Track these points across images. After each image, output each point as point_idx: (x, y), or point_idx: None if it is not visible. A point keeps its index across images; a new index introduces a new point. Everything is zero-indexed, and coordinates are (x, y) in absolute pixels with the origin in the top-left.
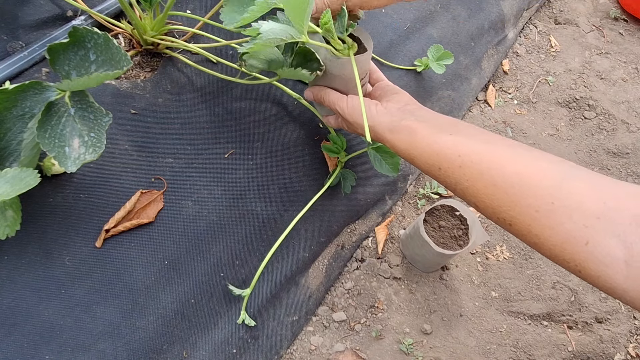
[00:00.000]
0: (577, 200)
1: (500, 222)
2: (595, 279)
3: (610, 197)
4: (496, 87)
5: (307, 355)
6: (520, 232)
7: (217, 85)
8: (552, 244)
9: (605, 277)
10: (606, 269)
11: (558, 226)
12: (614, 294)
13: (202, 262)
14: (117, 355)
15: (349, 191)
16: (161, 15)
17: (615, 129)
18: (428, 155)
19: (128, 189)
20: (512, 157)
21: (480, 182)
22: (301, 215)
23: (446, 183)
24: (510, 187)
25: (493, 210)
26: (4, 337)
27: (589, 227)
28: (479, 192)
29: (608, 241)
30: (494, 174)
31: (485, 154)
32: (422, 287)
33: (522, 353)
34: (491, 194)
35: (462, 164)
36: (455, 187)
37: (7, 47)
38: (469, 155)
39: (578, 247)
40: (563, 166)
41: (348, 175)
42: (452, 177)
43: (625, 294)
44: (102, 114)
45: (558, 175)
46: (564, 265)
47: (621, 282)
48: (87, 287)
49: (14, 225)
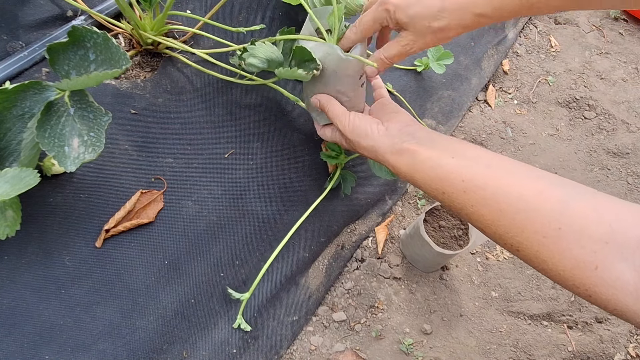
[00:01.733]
0: (583, 224)
1: (507, 247)
2: (606, 302)
3: (615, 219)
4: (496, 87)
5: (307, 355)
6: (528, 258)
7: (217, 86)
8: (561, 269)
9: (615, 301)
10: (617, 293)
11: (566, 252)
12: (625, 316)
13: (202, 262)
14: (117, 355)
15: (349, 192)
16: (161, 15)
17: (615, 129)
18: (431, 180)
19: (128, 189)
20: (515, 181)
21: (485, 207)
22: (302, 219)
23: (450, 207)
24: (515, 213)
25: (500, 236)
26: (4, 337)
27: (597, 252)
28: (485, 218)
29: (617, 265)
30: (499, 199)
31: (488, 179)
32: (422, 287)
33: (522, 353)
34: (497, 219)
35: (466, 189)
36: (460, 212)
37: (7, 47)
38: (473, 180)
39: (588, 272)
40: (565, 188)
41: (348, 177)
42: (457, 202)
43: (637, 316)
44: (102, 114)
45: (562, 198)
46: (573, 290)
47: (631, 305)
48: (87, 287)
49: (14, 225)
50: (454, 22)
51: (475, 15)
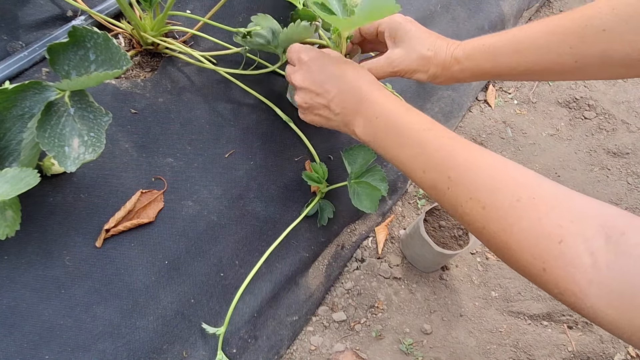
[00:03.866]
0: (554, 200)
1: (469, 204)
2: (558, 279)
3: (580, 206)
4: (496, 87)
5: (307, 355)
6: (492, 219)
7: (218, 85)
8: (524, 236)
9: (570, 279)
10: (574, 271)
11: (536, 220)
12: (573, 297)
13: (202, 262)
14: (117, 355)
15: (325, 223)
16: (161, 15)
17: (615, 129)
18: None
19: (128, 188)
20: (489, 152)
21: (466, 156)
22: (291, 228)
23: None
24: (495, 170)
25: (470, 188)
26: (4, 337)
27: (563, 228)
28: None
29: (579, 244)
30: (482, 163)
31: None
32: (422, 287)
33: (522, 353)
34: (475, 174)
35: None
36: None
37: (7, 47)
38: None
39: (552, 243)
40: (534, 172)
41: (326, 207)
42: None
43: (586, 299)
44: (102, 114)
45: (537, 177)
46: (526, 262)
47: (585, 286)
48: (87, 287)
49: (14, 226)
50: (437, 60)
51: (452, 59)
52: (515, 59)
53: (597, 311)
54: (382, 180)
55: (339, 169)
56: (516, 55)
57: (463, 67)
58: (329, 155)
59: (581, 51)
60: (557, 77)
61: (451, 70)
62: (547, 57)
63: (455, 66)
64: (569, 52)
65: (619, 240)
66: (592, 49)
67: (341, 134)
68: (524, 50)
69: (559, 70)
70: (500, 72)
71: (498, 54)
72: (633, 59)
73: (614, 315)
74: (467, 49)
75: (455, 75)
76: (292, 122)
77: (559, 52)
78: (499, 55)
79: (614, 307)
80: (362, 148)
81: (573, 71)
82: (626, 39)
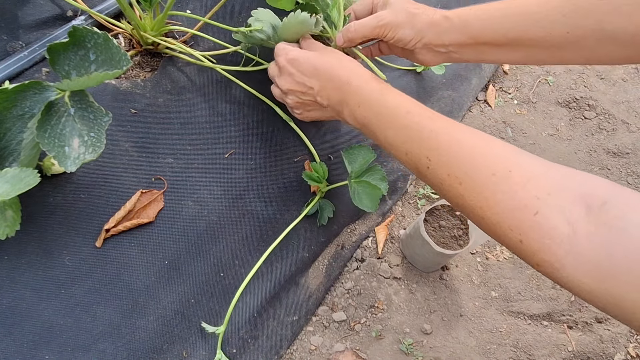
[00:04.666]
0: (531, 172)
1: (448, 180)
2: (535, 251)
3: (559, 177)
4: (496, 87)
5: (307, 355)
6: (468, 193)
7: (218, 85)
8: (501, 209)
9: (546, 250)
10: (550, 242)
11: (511, 192)
12: (550, 268)
13: (202, 262)
14: (117, 355)
15: (325, 222)
16: (161, 15)
17: (615, 129)
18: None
19: (128, 188)
20: (471, 130)
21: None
22: (290, 228)
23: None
24: (473, 147)
25: (449, 165)
26: (4, 337)
27: (540, 199)
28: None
29: (555, 215)
30: (459, 136)
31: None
32: (422, 287)
33: (522, 353)
34: (454, 148)
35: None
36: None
37: (7, 47)
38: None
39: (527, 215)
40: (518, 148)
41: (326, 206)
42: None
43: (563, 269)
44: (102, 114)
45: (515, 150)
46: (504, 234)
47: (561, 257)
48: (87, 287)
49: (14, 226)
50: (424, 16)
51: (442, 16)
52: (505, 23)
53: (574, 280)
54: (382, 180)
55: (339, 169)
56: (506, 19)
57: (451, 25)
58: (329, 155)
59: (574, 21)
60: (547, 56)
61: (439, 28)
62: (539, 25)
63: (443, 23)
64: (561, 20)
65: (600, 210)
66: (586, 19)
67: (341, 134)
68: (515, 15)
69: (550, 43)
70: (490, 39)
71: (488, 17)
72: (628, 34)
73: (591, 285)
74: (458, 11)
75: (443, 37)
76: (292, 122)
77: (550, 19)
78: (489, 18)
79: (590, 277)
80: (362, 147)
81: (565, 46)
82: (623, 10)
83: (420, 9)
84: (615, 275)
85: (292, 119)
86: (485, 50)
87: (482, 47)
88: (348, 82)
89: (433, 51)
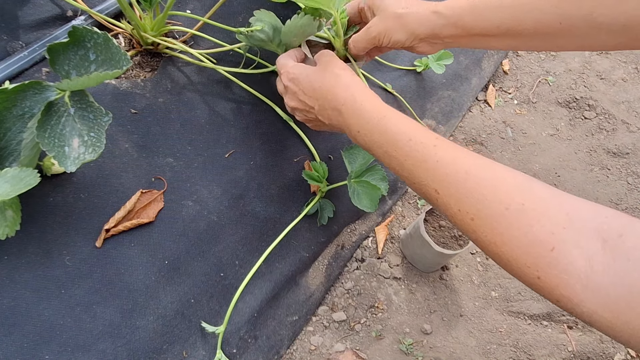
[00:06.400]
0: (545, 206)
1: (459, 215)
2: (553, 287)
3: (572, 209)
4: (496, 87)
5: (307, 355)
6: (482, 229)
7: (218, 85)
8: (516, 245)
9: (564, 286)
10: (568, 278)
11: (526, 227)
12: (569, 303)
13: (202, 262)
14: (117, 355)
15: (325, 222)
16: (161, 15)
17: (615, 129)
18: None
19: (128, 188)
20: (484, 161)
21: (452, 166)
22: (290, 227)
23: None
24: (482, 179)
25: (457, 200)
26: (4, 337)
27: (555, 234)
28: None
29: (572, 251)
30: (467, 168)
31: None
32: (422, 287)
33: (522, 353)
34: (461, 183)
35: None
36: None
37: (7, 47)
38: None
39: (544, 252)
40: (525, 175)
41: (326, 206)
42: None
43: (582, 304)
44: (102, 114)
45: (526, 180)
46: (520, 271)
47: (579, 292)
48: (87, 287)
49: (14, 226)
50: (413, 15)
51: (432, 12)
52: (498, 15)
53: (594, 315)
54: (382, 180)
55: (339, 169)
56: (499, 10)
57: (443, 20)
58: (329, 155)
59: (566, 11)
60: (541, 43)
61: (431, 24)
62: (531, 16)
63: (435, 20)
64: (553, 11)
65: (616, 242)
66: (578, 10)
67: (342, 134)
68: (507, 7)
69: (543, 32)
70: (483, 31)
71: (480, 10)
72: (620, 25)
73: (611, 319)
74: (449, 3)
75: (437, 31)
76: (292, 122)
77: (543, 9)
78: (482, 10)
79: (610, 311)
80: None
81: (557, 35)
82: (613, 1)
83: (408, 6)
84: (634, 307)
85: (292, 119)
86: (479, 39)
87: (476, 37)
88: (344, 104)
89: (430, 43)
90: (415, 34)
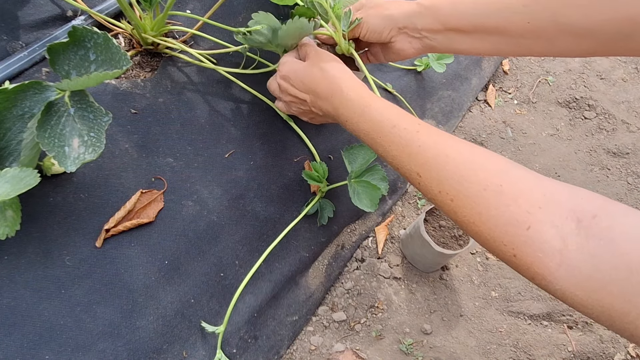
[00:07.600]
0: (522, 187)
1: (439, 196)
2: (528, 265)
3: (550, 191)
4: (496, 87)
5: (307, 355)
6: (460, 209)
7: (218, 85)
8: (494, 224)
9: (539, 264)
10: (542, 256)
11: (504, 207)
12: (543, 281)
13: (202, 262)
14: (117, 355)
15: (325, 222)
16: (161, 15)
17: (615, 129)
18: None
19: (128, 188)
20: (464, 144)
21: (433, 150)
22: (290, 227)
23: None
24: (461, 163)
25: (438, 181)
26: (4, 337)
27: (531, 214)
28: (429, 163)
29: (547, 229)
30: (447, 151)
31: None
32: (422, 287)
33: (522, 353)
34: (442, 165)
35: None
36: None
37: (7, 47)
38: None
39: (520, 230)
40: (505, 158)
41: (326, 206)
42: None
43: (556, 282)
44: (102, 114)
45: (505, 163)
46: (498, 249)
47: (554, 270)
48: (87, 287)
49: (14, 226)
50: (394, 3)
51: (413, 2)
52: (472, 11)
53: (567, 292)
54: (383, 180)
55: (340, 169)
56: (473, 6)
57: (422, 9)
58: (329, 155)
59: (533, 11)
60: (513, 44)
61: (410, 10)
62: (501, 15)
63: (414, 8)
64: (522, 10)
65: (590, 223)
66: (544, 11)
67: (341, 134)
68: (481, 3)
69: (512, 32)
70: (458, 25)
71: (458, 3)
72: (583, 28)
73: (583, 297)
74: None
75: (414, 20)
76: (292, 122)
77: (512, 9)
78: (459, 4)
79: (582, 289)
80: (362, 147)
81: (526, 36)
82: (577, 3)
83: (392, 3)
84: (604, 286)
85: (292, 118)
86: (454, 37)
87: (451, 33)
88: (333, 95)
89: (409, 36)
90: (394, 21)
